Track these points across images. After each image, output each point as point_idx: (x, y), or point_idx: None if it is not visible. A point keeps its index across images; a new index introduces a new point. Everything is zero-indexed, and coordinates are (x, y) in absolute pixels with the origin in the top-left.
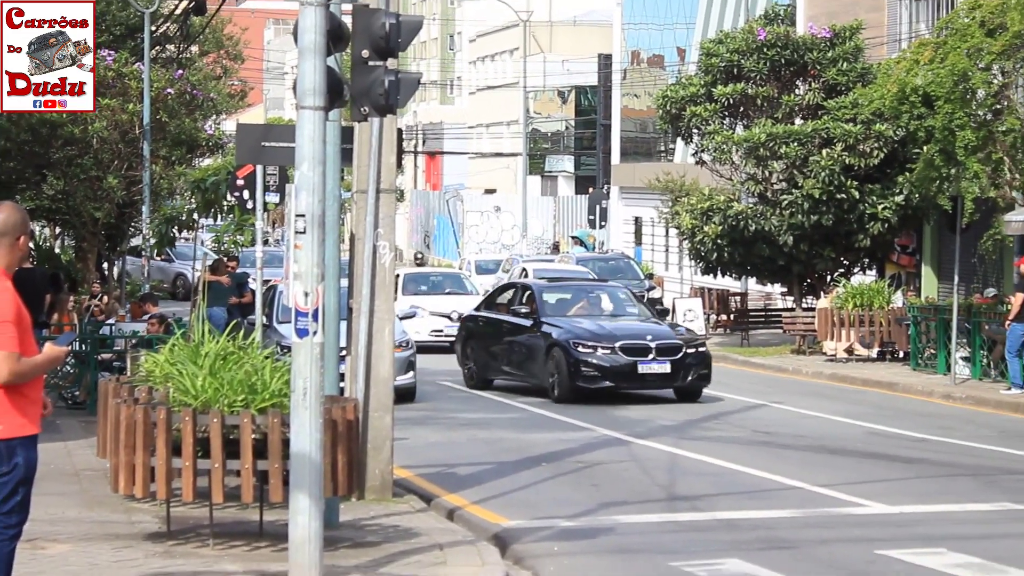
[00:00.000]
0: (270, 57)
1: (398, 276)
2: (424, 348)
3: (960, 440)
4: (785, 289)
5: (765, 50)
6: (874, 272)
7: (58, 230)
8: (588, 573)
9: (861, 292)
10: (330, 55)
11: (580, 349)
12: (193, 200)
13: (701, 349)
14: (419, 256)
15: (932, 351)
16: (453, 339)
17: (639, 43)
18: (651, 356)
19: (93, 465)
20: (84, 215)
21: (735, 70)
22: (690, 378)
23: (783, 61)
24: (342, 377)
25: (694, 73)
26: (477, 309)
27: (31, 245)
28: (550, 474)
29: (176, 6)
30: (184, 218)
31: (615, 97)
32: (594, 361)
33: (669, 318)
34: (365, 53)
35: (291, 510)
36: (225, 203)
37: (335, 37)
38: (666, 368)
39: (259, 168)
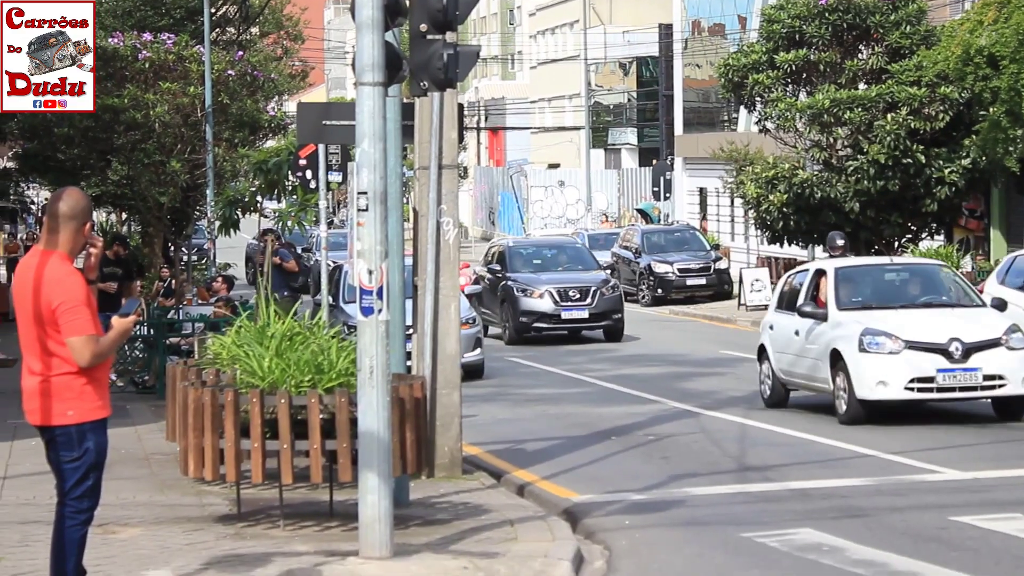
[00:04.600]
0: (331, 37)
1: (824, 274)
2: (890, 413)
3: None
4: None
5: (827, 15)
6: (942, 237)
7: (124, 216)
8: (660, 546)
9: (929, 257)
10: (388, 30)
11: None
12: (256, 182)
13: None
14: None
15: None
16: (950, 396)
17: (699, 12)
18: None
19: (163, 449)
20: (149, 200)
21: (797, 36)
22: None
23: (845, 25)
24: (409, 355)
25: (755, 40)
26: None
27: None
28: (620, 448)
29: None
30: (247, 200)
31: (677, 67)
32: None
33: (735, 289)
34: (423, 27)
35: (360, 489)
36: (288, 183)
37: (393, 11)
38: None
39: (321, 147)
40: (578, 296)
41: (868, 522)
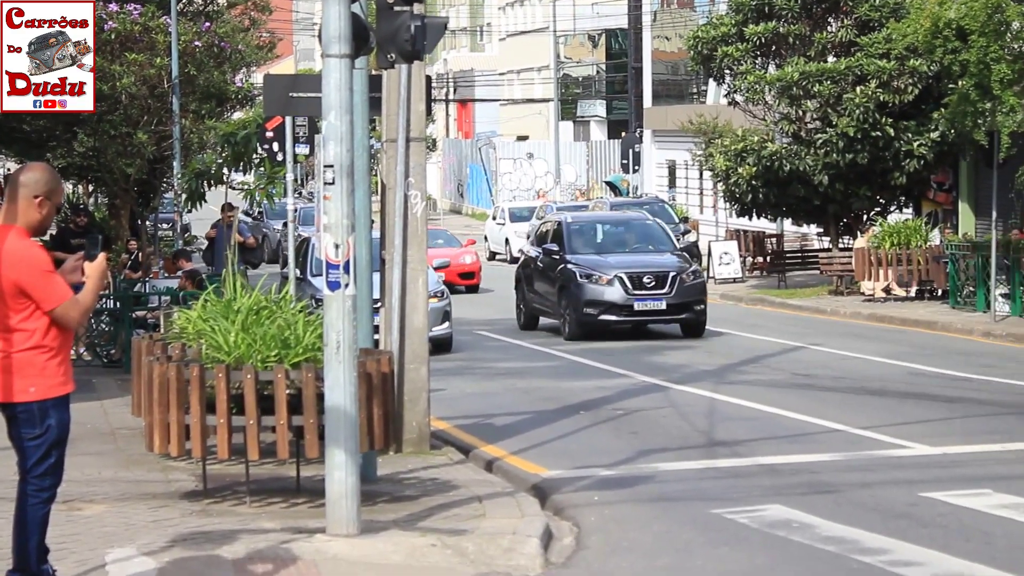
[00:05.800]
0: (299, 8)
1: None
2: None
3: (1002, 378)
4: (821, 229)
5: None
6: (911, 210)
7: (91, 188)
8: (629, 522)
9: (898, 230)
10: (355, 1)
11: None
12: (223, 154)
13: None
14: None
15: (971, 288)
16: None
17: None
18: None
19: (129, 424)
20: (115, 172)
21: (766, 8)
22: None
23: None
24: (377, 330)
25: (725, 13)
26: None
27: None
28: (589, 422)
29: None
30: (214, 172)
31: (646, 39)
32: None
33: (704, 262)
34: None
35: (327, 465)
36: (256, 156)
37: None
38: None
39: (288, 119)
40: (653, 283)
41: (838, 498)
